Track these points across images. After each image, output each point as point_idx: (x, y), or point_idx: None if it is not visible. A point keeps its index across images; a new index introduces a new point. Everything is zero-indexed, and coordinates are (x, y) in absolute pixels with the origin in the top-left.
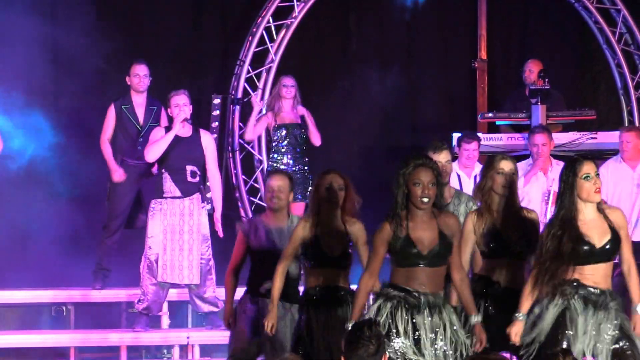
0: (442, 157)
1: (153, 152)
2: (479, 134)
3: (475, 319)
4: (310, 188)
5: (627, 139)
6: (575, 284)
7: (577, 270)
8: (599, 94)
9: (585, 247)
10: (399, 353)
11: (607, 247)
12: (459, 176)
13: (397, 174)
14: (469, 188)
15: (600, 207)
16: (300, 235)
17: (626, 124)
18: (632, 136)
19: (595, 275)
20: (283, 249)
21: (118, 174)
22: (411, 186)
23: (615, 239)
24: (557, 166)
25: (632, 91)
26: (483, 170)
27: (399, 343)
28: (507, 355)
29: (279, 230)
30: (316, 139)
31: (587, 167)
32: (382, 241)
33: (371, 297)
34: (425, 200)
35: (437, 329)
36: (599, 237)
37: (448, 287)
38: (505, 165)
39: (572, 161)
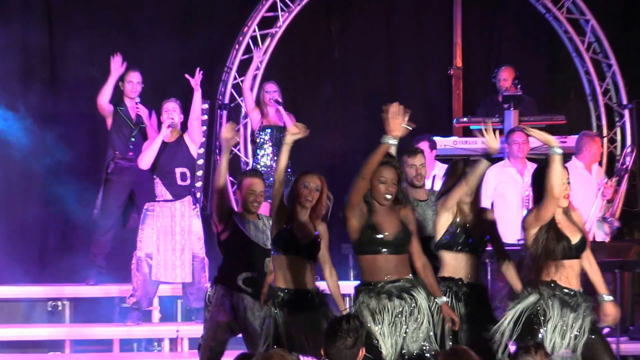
0: (417, 161)
1: (145, 159)
2: (455, 137)
3: (441, 300)
4: None
5: (599, 144)
6: (552, 285)
7: (558, 267)
8: (568, 100)
9: (565, 244)
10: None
11: (579, 244)
12: None
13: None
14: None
15: (566, 210)
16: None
17: (594, 129)
18: (599, 141)
19: (570, 273)
20: (257, 242)
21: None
22: (376, 183)
23: (583, 238)
24: (532, 169)
25: (600, 97)
26: (446, 176)
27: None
28: None
29: (254, 223)
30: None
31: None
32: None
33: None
34: (388, 197)
35: (406, 314)
36: (572, 235)
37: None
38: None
39: (547, 165)
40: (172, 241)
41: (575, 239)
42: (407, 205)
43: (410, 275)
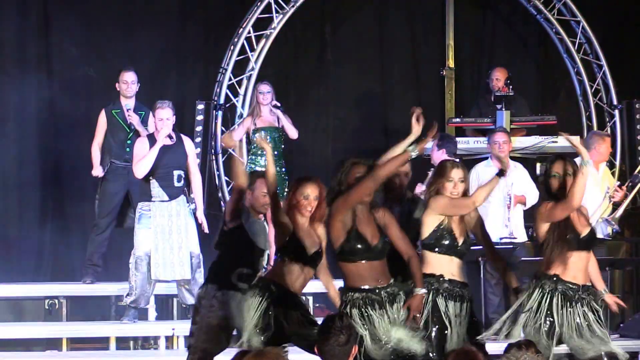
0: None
1: (142, 168)
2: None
3: (419, 291)
4: (286, 190)
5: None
6: (554, 278)
7: (566, 259)
8: (559, 100)
9: (575, 236)
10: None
11: (589, 237)
12: None
13: (336, 174)
14: None
15: None
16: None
17: (585, 129)
18: (608, 141)
19: (578, 266)
20: (257, 242)
21: (97, 170)
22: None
23: (592, 232)
24: (515, 168)
25: (590, 98)
26: (434, 177)
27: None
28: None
29: (259, 223)
30: (292, 133)
31: (556, 167)
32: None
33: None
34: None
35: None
36: (582, 228)
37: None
38: (455, 174)
39: (549, 159)
40: (169, 240)
41: (585, 231)
42: (381, 207)
43: (392, 280)
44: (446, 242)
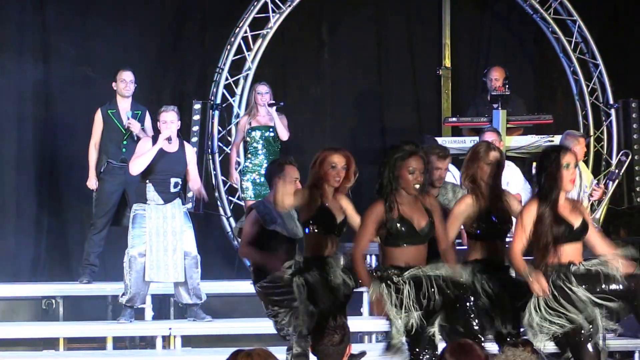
0: (444, 165)
1: (137, 165)
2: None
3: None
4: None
5: (583, 145)
6: (570, 265)
7: (559, 250)
8: (556, 99)
9: (564, 228)
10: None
11: (581, 228)
12: None
13: (390, 158)
14: None
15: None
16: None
17: (581, 128)
18: (583, 142)
19: (573, 254)
20: (288, 231)
21: (92, 183)
22: (404, 173)
23: (584, 222)
24: (508, 167)
25: (587, 97)
26: (470, 160)
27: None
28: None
29: (285, 214)
30: (283, 134)
31: (568, 157)
32: (373, 221)
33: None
34: (417, 186)
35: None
36: (574, 219)
37: None
38: (493, 157)
39: (555, 149)
40: (163, 242)
41: (577, 222)
42: (430, 193)
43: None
44: (486, 226)
